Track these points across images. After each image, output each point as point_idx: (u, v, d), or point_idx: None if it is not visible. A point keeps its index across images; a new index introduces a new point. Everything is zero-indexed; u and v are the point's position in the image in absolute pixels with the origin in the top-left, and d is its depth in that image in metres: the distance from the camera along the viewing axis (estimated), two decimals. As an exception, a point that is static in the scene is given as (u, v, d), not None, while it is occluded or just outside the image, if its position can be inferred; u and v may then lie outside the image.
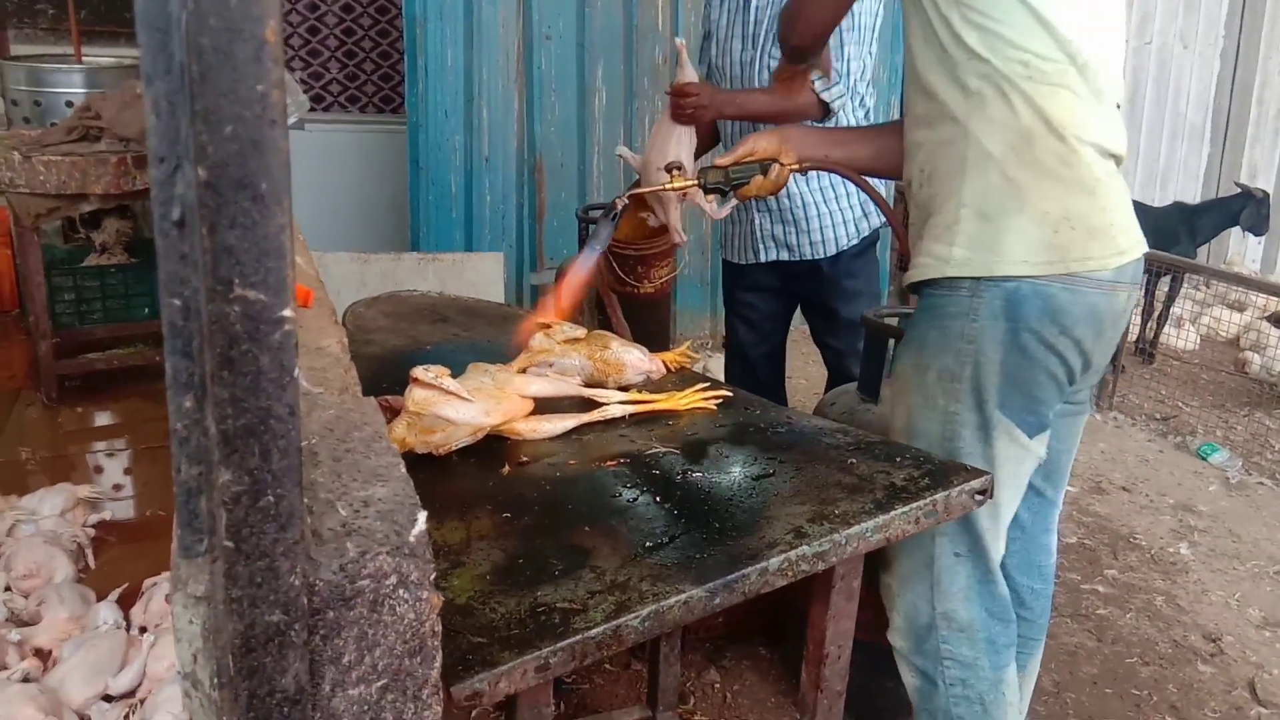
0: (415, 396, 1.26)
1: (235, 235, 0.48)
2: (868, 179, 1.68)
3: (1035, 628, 1.66)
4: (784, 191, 2.05)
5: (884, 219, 2.40)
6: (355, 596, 0.58)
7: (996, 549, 1.42)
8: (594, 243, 1.63)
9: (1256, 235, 4.59)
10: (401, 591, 0.59)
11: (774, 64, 2.25)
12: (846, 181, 2.34)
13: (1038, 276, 1.30)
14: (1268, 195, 4.46)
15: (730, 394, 1.48)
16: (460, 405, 1.27)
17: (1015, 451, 1.38)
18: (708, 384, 1.50)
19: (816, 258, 2.42)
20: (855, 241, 2.43)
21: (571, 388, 1.45)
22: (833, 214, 2.39)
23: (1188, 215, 4.42)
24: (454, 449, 1.29)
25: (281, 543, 0.53)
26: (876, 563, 1.47)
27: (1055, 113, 1.28)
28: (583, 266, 1.64)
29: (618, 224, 1.63)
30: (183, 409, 0.51)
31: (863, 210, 2.41)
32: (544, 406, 1.39)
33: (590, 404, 1.42)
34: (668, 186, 1.64)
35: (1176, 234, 4.32)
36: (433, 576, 0.61)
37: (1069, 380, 1.38)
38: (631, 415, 1.42)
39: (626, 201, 1.63)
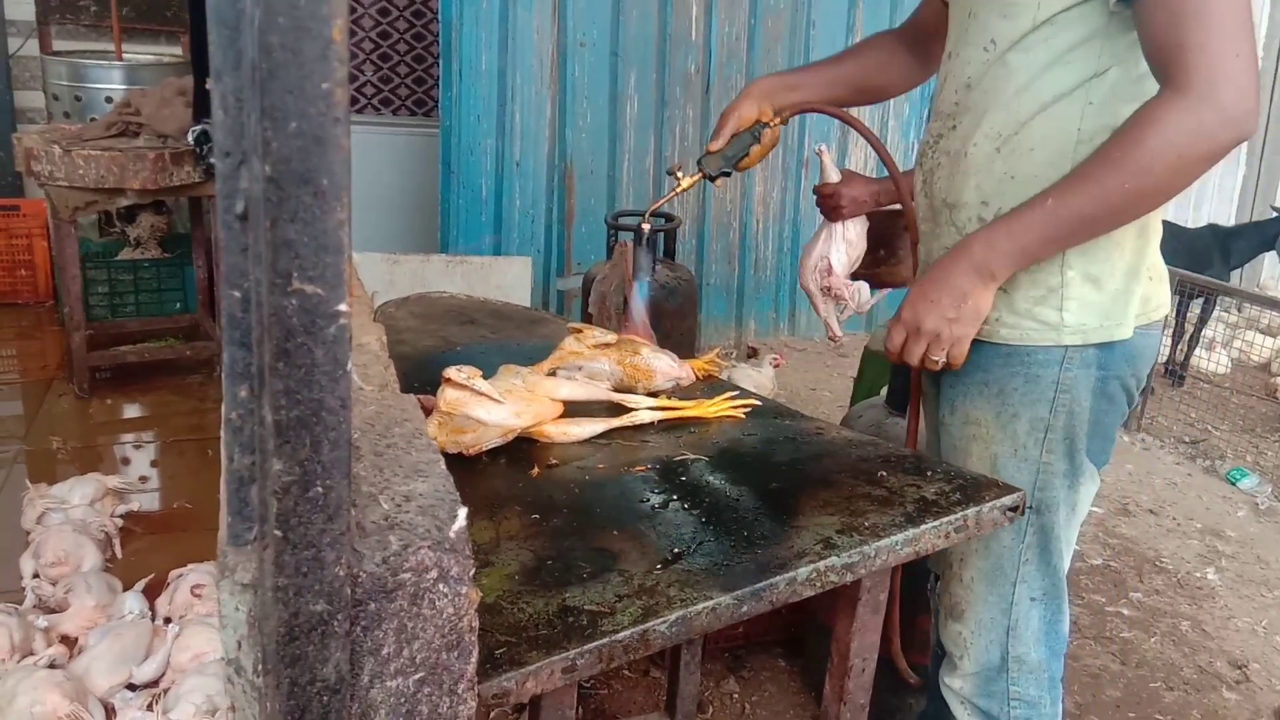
0: (447, 396, 1.27)
1: (295, 230, 0.49)
2: (865, 126, 1.63)
3: None
4: None
5: None
6: (397, 589, 0.58)
7: (1066, 586, 1.42)
8: (641, 274, 1.66)
9: None
10: (441, 586, 0.60)
11: None
12: None
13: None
14: None
15: (759, 402, 1.47)
16: (491, 406, 1.28)
17: (1091, 489, 1.39)
18: (737, 392, 1.50)
19: None
20: None
21: (601, 392, 1.45)
22: None
23: (1221, 238, 4.37)
24: (484, 449, 1.30)
25: (329, 533, 0.54)
26: (943, 611, 1.45)
27: None
28: (640, 301, 1.68)
29: (651, 250, 1.65)
30: (238, 398, 0.52)
31: None
32: (574, 410, 1.40)
33: (620, 409, 1.42)
34: (676, 191, 1.64)
35: (1210, 256, 4.27)
36: (472, 573, 0.61)
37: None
38: (660, 421, 1.42)
39: (650, 224, 1.64)
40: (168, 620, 2.14)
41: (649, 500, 1.19)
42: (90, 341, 3.46)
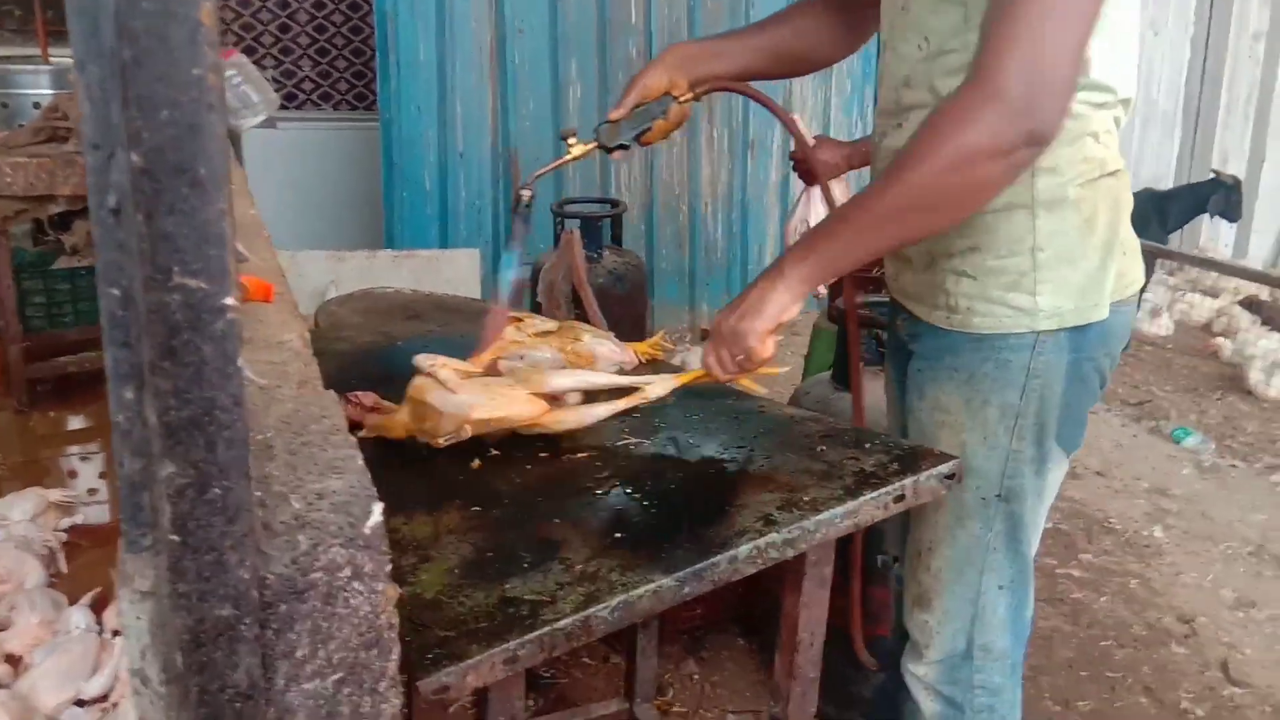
0: (415, 383, 1.26)
1: (174, 222, 0.47)
2: (776, 104, 1.56)
3: None
4: None
5: None
6: (308, 589, 0.57)
7: (1032, 572, 1.40)
8: (512, 243, 1.49)
9: (1229, 221, 4.59)
10: (356, 584, 0.59)
11: None
12: None
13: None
14: (1239, 181, 4.45)
15: (778, 371, 1.35)
16: (447, 396, 1.25)
17: (1059, 474, 1.36)
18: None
19: None
20: None
21: (604, 378, 1.39)
22: None
23: (1158, 201, 4.44)
24: (443, 441, 1.25)
25: (229, 536, 0.52)
26: (909, 600, 1.43)
27: (1111, 140, 1.23)
28: (509, 271, 1.51)
29: (529, 219, 1.49)
30: (124, 400, 0.51)
31: None
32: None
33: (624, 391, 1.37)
34: (566, 158, 1.49)
35: (1148, 220, 4.34)
36: (388, 569, 0.60)
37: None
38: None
39: (533, 191, 1.47)
40: (116, 633, 2.09)
41: (591, 486, 1.18)
42: (28, 354, 3.38)
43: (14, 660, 2.02)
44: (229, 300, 0.49)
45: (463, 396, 1.26)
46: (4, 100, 4.02)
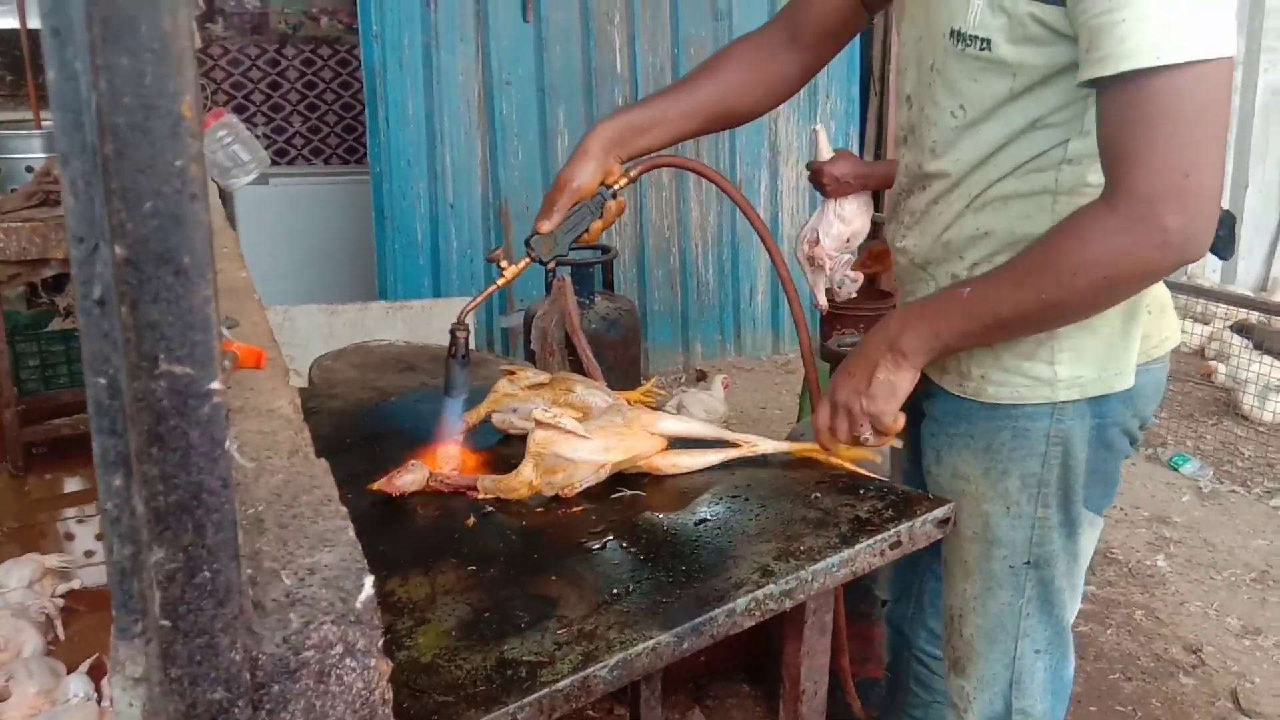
0: (537, 437, 1.27)
1: (159, 310, 0.48)
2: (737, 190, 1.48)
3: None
4: None
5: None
6: (300, 668, 0.57)
7: (1070, 633, 1.36)
8: (455, 392, 1.39)
9: (1220, 258, 4.48)
10: (349, 660, 0.58)
11: None
12: None
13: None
14: (1232, 217, 4.35)
15: (898, 444, 1.31)
16: (579, 444, 1.27)
17: (1093, 534, 1.31)
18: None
19: None
20: None
21: (711, 430, 1.40)
22: None
23: None
24: (579, 488, 1.28)
25: (220, 618, 0.52)
26: (946, 663, 1.41)
27: None
28: (455, 419, 1.41)
29: (468, 361, 1.38)
30: (113, 488, 0.51)
31: None
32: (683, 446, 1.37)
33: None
34: (499, 282, 1.40)
35: None
36: (381, 643, 0.60)
37: None
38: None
39: (467, 331, 1.37)
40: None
41: (586, 541, 1.18)
42: (23, 417, 3.37)
43: (11, 732, 1.99)
44: (215, 385, 0.50)
45: (596, 440, 1.28)
46: (-3, 165, 4.06)
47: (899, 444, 1.31)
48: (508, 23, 4.06)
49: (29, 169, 3.96)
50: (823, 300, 2.09)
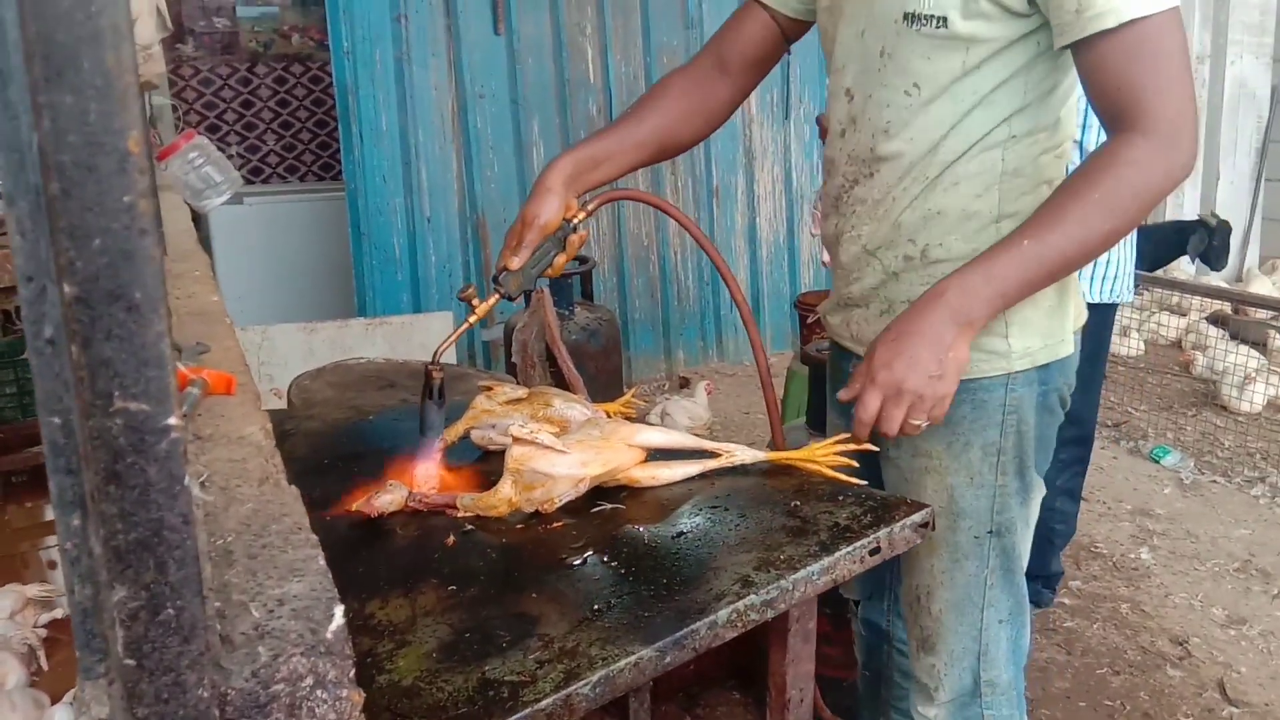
0: (514, 453, 1.26)
1: (112, 348, 0.47)
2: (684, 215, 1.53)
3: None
4: None
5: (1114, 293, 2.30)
6: (270, 703, 0.56)
7: (1028, 601, 1.42)
8: (431, 432, 1.40)
9: (1212, 268, 4.03)
10: (320, 692, 0.58)
11: None
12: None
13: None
14: (1225, 225, 3.91)
15: (876, 448, 1.31)
16: (556, 459, 1.26)
17: (1039, 499, 1.38)
18: (847, 436, 1.30)
19: None
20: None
21: (689, 439, 1.40)
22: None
23: (1136, 237, 4.24)
24: (558, 504, 1.27)
25: (186, 655, 0.52)
26: (914, 644, 1.44)
27: (1056, 166, 1.28)
28: (431, 455, 1.40)
29: (443, 400, 1.39)
30: (71, 528, 0.50)
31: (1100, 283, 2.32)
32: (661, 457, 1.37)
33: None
34: (471, 319, 1.42)
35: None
36: (353, 673, 0.59)
37: None
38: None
39: (442, 373, 1.39)
40: (98, 731, 2.04)
41: (566, 557, 1.17)
42: (1, 445, 3.34)
43: (-7, 767, 1.97)
44: (172, 420, 0.49)
45: (574, 455, 1.27)
46: (-32, 193, 4.02)
47: (877, 449, 1.31)
48: (479, 36, 4.06)
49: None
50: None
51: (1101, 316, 2.34)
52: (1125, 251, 2.33)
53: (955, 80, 1.19)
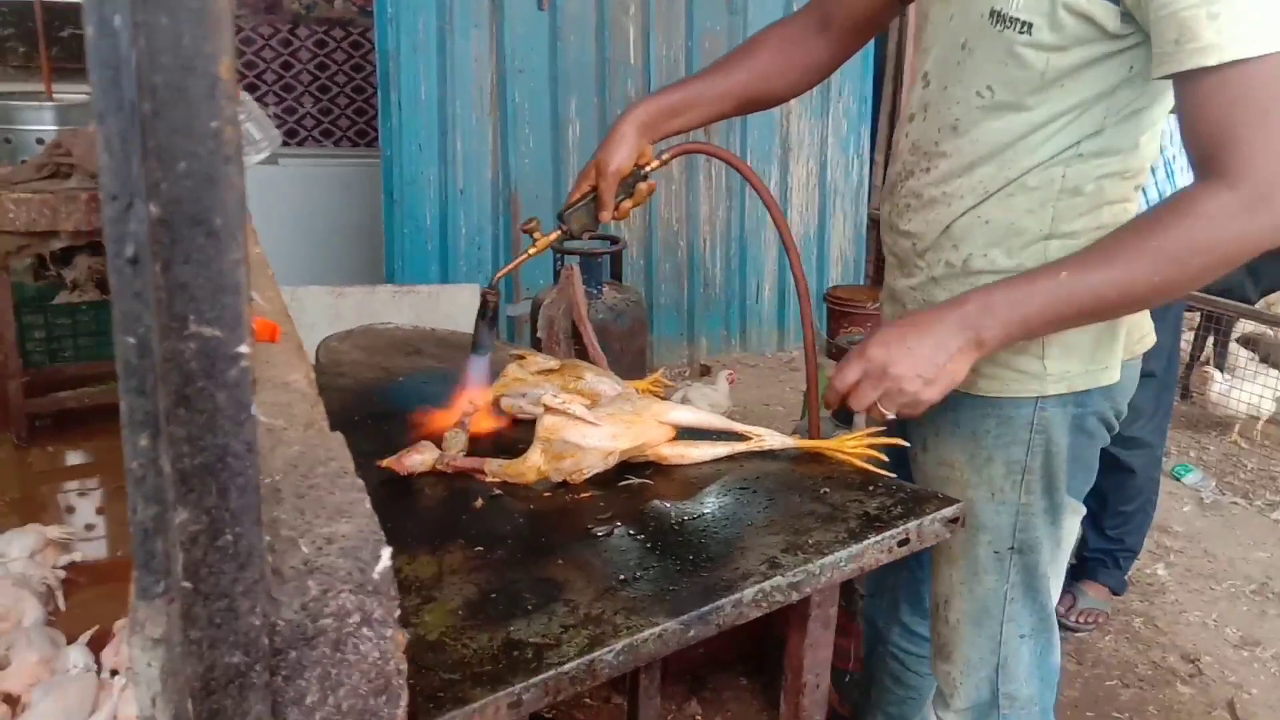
0: (545, 423, 1.27)
1: (189, 272, 0.48)
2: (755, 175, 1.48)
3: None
4: None
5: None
6: (318, 636, 0.57)
7: (1055, 618, 1.38)
8: (482, 351, 1.46)
9: None
10: (365, 630, 0.58)
11: None
12: None
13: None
14: None
15: (907, 444, 1.32)
16: (588, 430, 1.27)
17: (1075, 521, 1.34)
18: (880, 429, 1.29)
19: None
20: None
21: (719, 420, 1.39)
22: None
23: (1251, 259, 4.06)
24: (587, 475, 1.28)
25: (241, 582, 0.52)
26: (933, 650, 1.43)
27: (1131, 207, 1.20)
28: (480, 376, 1.46)
29: (495, 323, 1.43)
30: (138, 448, 0.51)
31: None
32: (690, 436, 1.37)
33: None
34: (531, 251, 1.43)
35: (1237, 279, 3.96)
36: (398, 614, 0.60)
37: None
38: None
39: (498, 295, 1.42)
40: (114, 673, 2.07)
41: (593, 527, 1.18)
42: (27, 389, 3.38)
43: (12, 700, 2.00)
44: (243, 348, 0.50)
45: (605, 427, 1.27)
46: (7, 136, 4.05)
47: (906, 444, 1.31)
48: (523, 10, 4.05)
49: (40, 141, 3.96)
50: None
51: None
52: None
53: (1032, 91, 1.12)
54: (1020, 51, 1.11)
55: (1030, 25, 1.09)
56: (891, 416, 1.17)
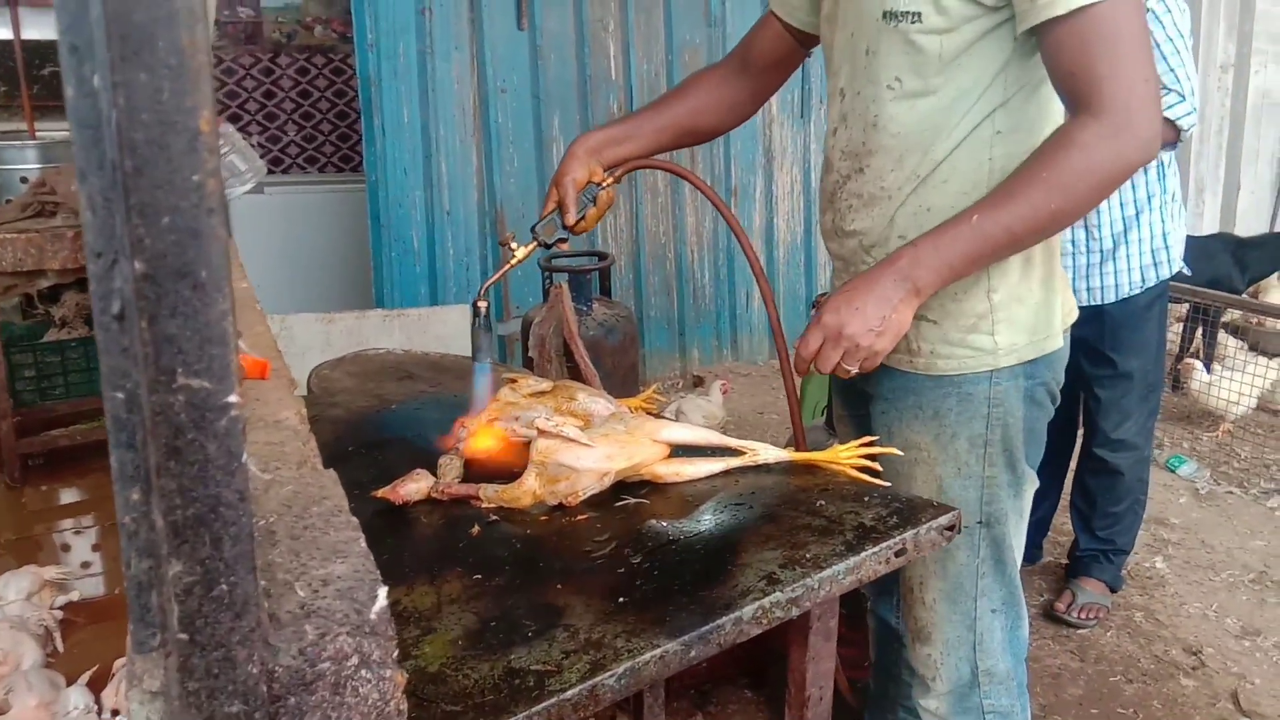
0: (539, 446, 1.28)
1: (176, 325, 0.48)
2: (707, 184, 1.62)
3: None
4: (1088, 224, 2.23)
5: (1173, 268, 2.39)
6: (316, 680, 0.57)
7: (1022, 593, 1.45)
8: (482, 356, 1.52)
9: None
10: (364, 672, 0.58)
11: None
12: (1148, 220, 2.32)
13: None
14: None
15: (899, 452, 1.37)
16: (582, 452, 1.27)
17: (1031, 491, 1.42)
18: (873, 439, 1.36)
19: (1103, 302, 2.39)
20: (1147, 288, 2.40)
21: (714, 436, 1.41)
22: (1129, 256, 2.36)
23: (1238, 248, 4.17)
24: (582, 497, 1.28)
25: (237, 631, 0.52)
26: (910, 636, 1.47)
27: None
28: (484, 384, 1.51)
29: (491, 328, 1.51)
30: (130, 502, 0.51)
31: (1153, 257, 2.38)
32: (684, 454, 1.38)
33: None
34: (511, 263, 1.53)
35: (1225, 268, 4.04)
36: (395, 654, 0.60)
37: None
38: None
39: (487, 302, 1.49)
40: (115, 713, 2.06)
41: (590, 549, 1.18)
42: (19, 428, 3.36)
43: (11, 745, 1.98)
44: (232, 398, 0.50)
45: (599, 448, 1.28)
46: (-9, 176, 4.04)
47: (899, 452, 1.34)
48: (502, 30, 4.06)
49: (24, 179, 3.95)
50: None
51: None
52: (1167, 228, 2.35)
53: (934, 74, 1.23)
54: (915, 39, 1.22)
55: (919, 14, 1.21)
56: (855, 372, 1.25)
